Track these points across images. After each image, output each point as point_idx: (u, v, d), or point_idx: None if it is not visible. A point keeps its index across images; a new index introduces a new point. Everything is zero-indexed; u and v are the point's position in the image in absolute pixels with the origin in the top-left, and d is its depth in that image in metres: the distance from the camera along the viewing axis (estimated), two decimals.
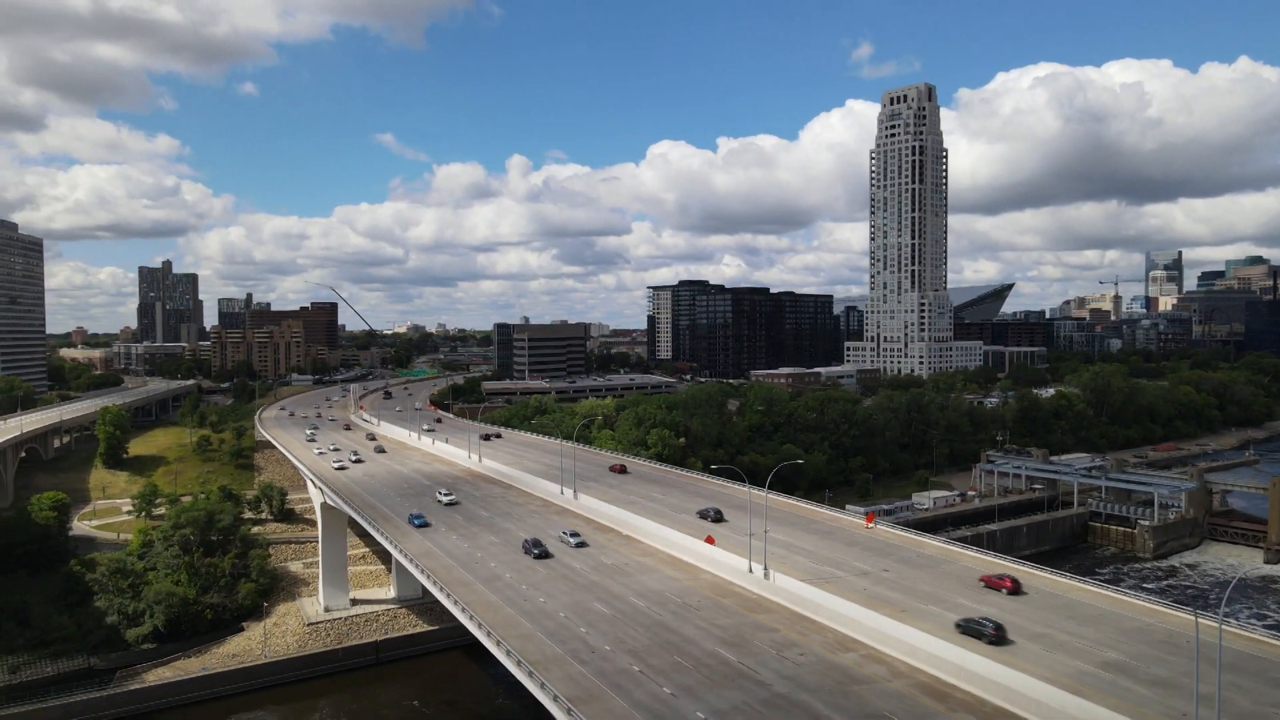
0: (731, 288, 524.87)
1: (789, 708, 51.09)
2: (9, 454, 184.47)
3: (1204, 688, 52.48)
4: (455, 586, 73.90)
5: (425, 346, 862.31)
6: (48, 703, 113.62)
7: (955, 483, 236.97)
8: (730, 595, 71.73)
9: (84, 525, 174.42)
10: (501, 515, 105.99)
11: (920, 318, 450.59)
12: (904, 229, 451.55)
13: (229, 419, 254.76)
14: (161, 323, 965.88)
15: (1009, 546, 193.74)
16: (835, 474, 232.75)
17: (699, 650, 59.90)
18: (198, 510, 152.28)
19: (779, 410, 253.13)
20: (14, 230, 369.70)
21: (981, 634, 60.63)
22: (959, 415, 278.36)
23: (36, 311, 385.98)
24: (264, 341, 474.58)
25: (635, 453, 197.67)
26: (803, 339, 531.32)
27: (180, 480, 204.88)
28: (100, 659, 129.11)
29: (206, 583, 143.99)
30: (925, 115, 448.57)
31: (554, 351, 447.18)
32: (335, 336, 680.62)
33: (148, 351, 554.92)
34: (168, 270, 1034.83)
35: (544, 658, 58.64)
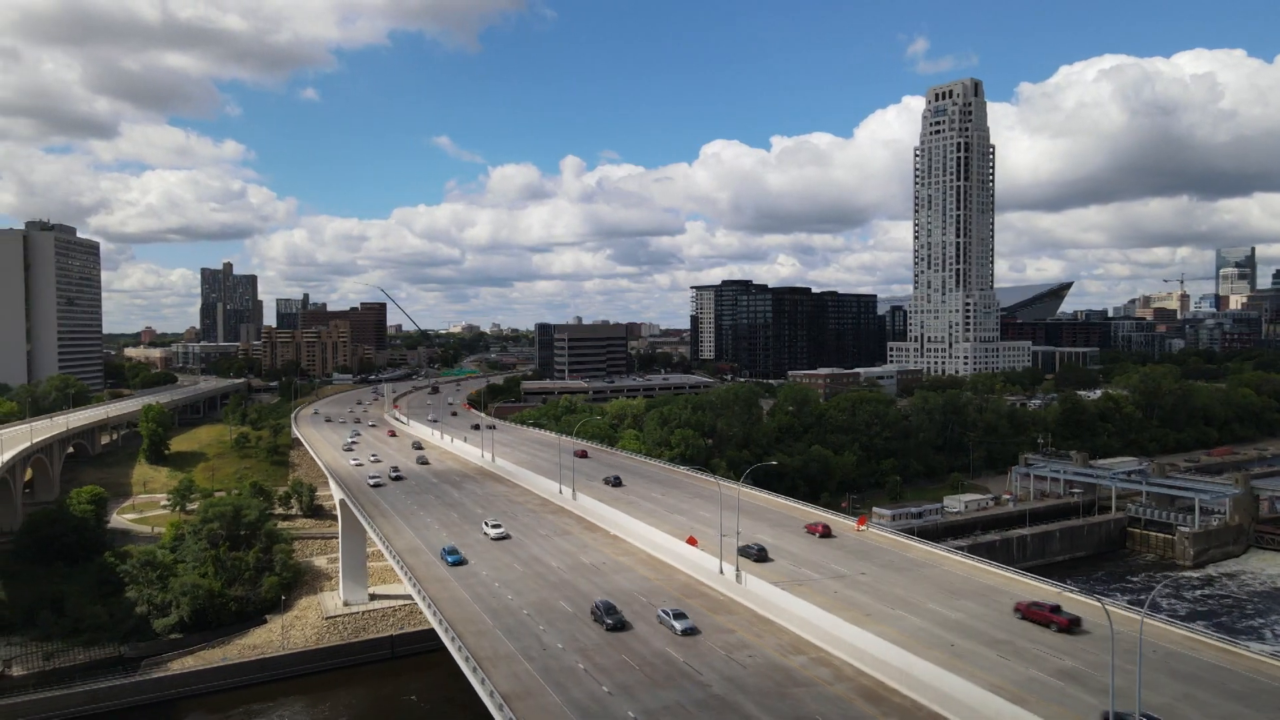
0: (774, 288, 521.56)
1: (720, 709, 51.08)
2: (55, 449, 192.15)
3: (1158, 698, 51.16)
4: (429, 582, 75.31)
5: (476, 346, 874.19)
6: (74, 688, 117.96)
7: (992, 486, 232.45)
8: (698, 596, 71.73)
9: (122, 519, 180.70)
10: (499, 514, 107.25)
11: (965, 317, 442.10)
12: (948, 227, 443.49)
13: (269, 417, 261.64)
14: (222, 323, 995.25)
15: (1040, 552, 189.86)
16: (865, 475, 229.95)
17: (648, 650, 60.14)
18: (225, 505, 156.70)
19: (809, 411, 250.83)
20: (72, 234, 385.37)
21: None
22: (998, 417, 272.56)
23: (93, 312, 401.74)
24: (312, 341, 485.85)
25: (659, 453, 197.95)
26: (845, 339, 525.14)
27: (217, 476, 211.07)
28: (130, 648, 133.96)
29: (232, 576, 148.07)
30: (971, 111, 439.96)
31: (594, 351, 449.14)
32: (384, 336, 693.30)
33: (204, 351, 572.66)
34: (228, 272, 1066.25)
35: (495, 654, 59.49)
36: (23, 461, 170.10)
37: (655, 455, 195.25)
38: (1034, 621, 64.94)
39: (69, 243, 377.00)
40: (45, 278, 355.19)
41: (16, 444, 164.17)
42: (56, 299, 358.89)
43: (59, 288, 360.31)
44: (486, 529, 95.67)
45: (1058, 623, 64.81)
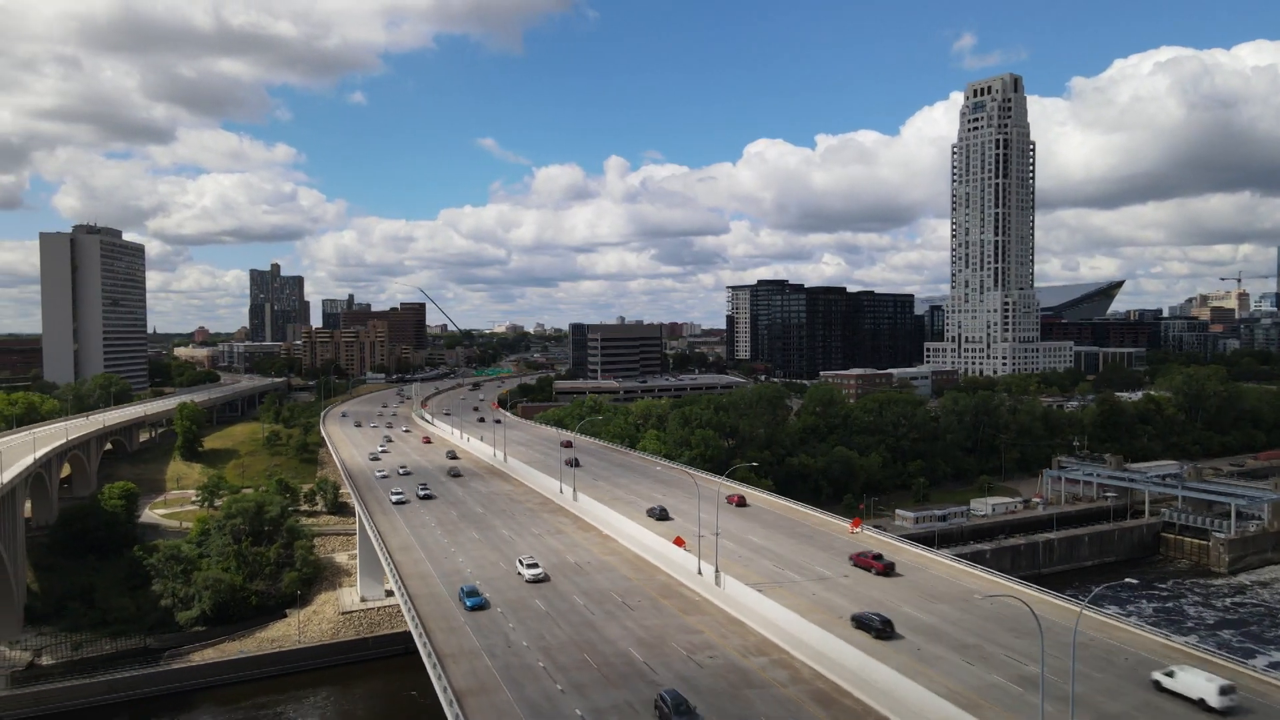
0: (809, 287, 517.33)
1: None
2: (92, 445, 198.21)
3: (1117, 706, 50.08)
4: (413, 579, 76.40)
5: (518, 346, 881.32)
6: (95, 678, 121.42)
7: (1023, 489, 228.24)
8: (674, 597, 71.78)
9: (154, 514, 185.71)
10: (497, 513, 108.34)
11: (1004, 317, 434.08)
12: (987, 225, 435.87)
13: (301, 416, 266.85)
14: (270, 323, 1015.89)
15: (1068, 557, 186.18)
16: (891, 477, 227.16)
17: (611, 650, 60.39)
18: (247, 502, 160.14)
19: (836, 412, 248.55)
20: (117, 237, 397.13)
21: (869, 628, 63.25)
22: (1032, 418, 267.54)
23: (138, 313, 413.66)
24: (350, 341, 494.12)
25: (679, 453, 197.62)
26: (881, 339, 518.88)
27: (248, 473, 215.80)
28: (155, 639, 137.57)
29: (253, 570, 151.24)
30: (1011, 107, 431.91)
31: (627, 351, 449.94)
32: (423, 336, 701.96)
33: (248, 350, 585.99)
34: (276, 273, 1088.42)
35: (459, 650, 60.20)
36: (58, 458, 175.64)
37: (676, 456, 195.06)
38: (861, 568, 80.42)
39: (114, 245, 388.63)
40: (91, 279, 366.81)
41: (51, 441, 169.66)
42: (102, 300, 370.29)
43: (104, 289, 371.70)
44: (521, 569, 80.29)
45: (876, 567, 79.75)
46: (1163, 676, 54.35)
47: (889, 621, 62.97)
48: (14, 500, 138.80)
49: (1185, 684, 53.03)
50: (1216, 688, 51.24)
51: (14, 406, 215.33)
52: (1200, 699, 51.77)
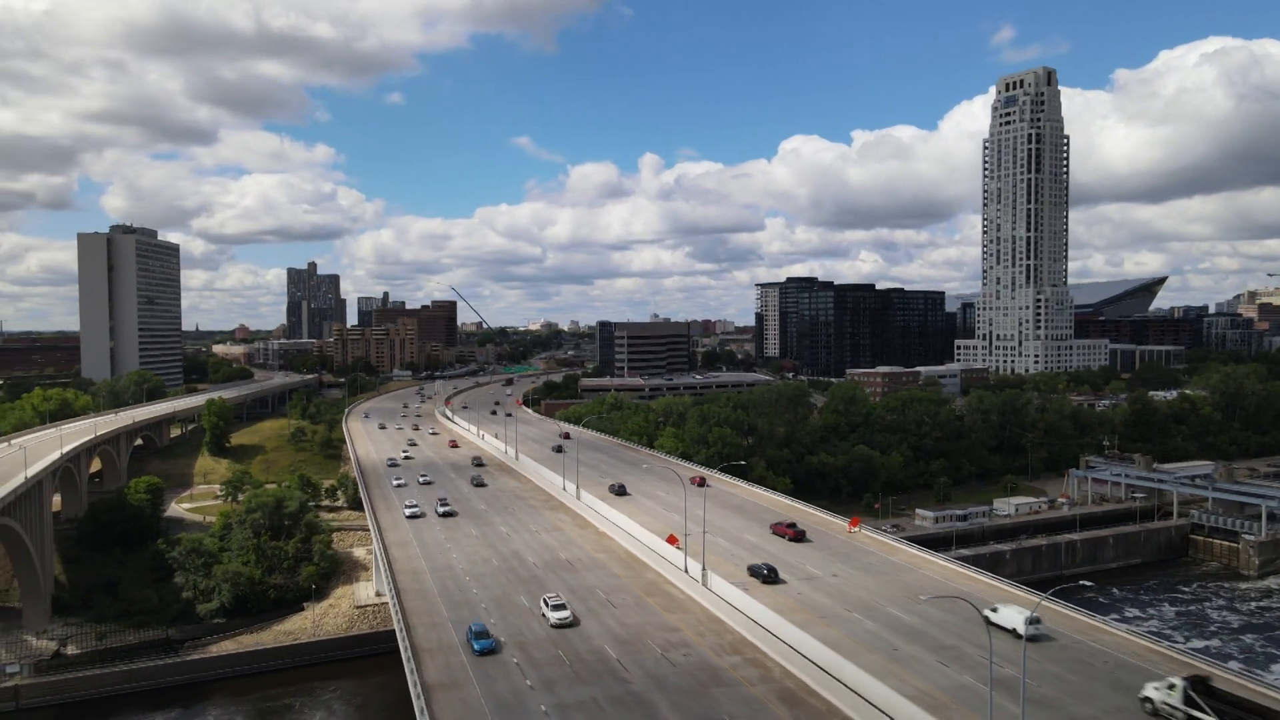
0: (837, 285, 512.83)
1: (632, 706, 51.36)
2: (122, 441, 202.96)
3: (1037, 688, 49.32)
4: (405, 575, 77.38)
5: (551, 344, 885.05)
6: (114, 668, 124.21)
7: (1049, 489, 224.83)
8: (658, 595, 71.91)
9: (179, 508, 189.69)
10: (499, 510, 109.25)
11: (1035, 314, 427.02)
12: (1019, 222, 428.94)
13: (328, 412, 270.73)
14: (307, 320, 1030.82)
15: (1091, 558, 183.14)
16: (913, 477, 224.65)
17: (586, 647, 60.69)
18: (267, 497, 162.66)
19: (857, 410, 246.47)
20: (152, 237, 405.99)
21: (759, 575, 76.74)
22: (1060, 418, 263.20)
23: (172, 310, 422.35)
24: (380, 338, 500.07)
25: (696, 451, 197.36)
26: (911, 337, 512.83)
27: (273, 468, 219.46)
28: (177, 630, 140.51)
29: (272, 564, 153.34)
30: (1044, 101, 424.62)
31: (654, 349, 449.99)
32: (454, 333, 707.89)
33: (282, 347, 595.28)
34: (313, 271, 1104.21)
35: (437, 645, 60.91)
36: (87, 453, 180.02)
37: (693, 454, 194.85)
38: (779, 535, 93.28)
39: (150, 245, 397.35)
40: (127, 278, 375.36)
41: (79, 437, 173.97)
42: (137, 298, 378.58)
43: (140, 288, 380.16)
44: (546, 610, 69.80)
45: (789, 534, 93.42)
46: (990, 613, 64.54)
47: (774, 569, 76.59)
48: (40, 494, 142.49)
49: (1004, 617, 64.58)
50: (1024, 619, 61.09)
51: (48, 403, 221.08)
52: (1013, 629, 62.62)
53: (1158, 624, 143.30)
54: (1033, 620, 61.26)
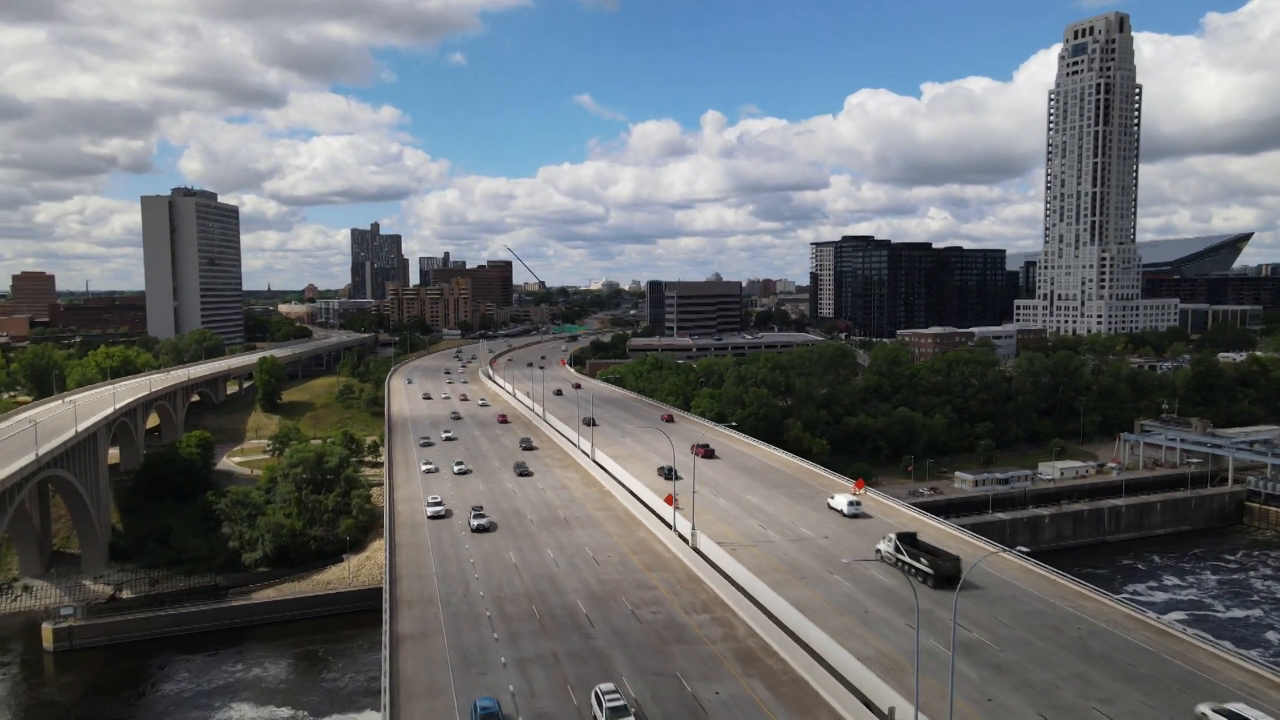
0: (894, 244, 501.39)
1: (589, 660, 52.40)
2: (179, 396, 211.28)
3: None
4: (404, 529, 79.63)
5: (610, 303, 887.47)
6: (162, 611, 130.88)
7: (1101, 454, 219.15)
8: (644, 553, 72.64)
9: (230, 461, 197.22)
10: (513, 467, 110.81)
11: (1100, 273, 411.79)
12: (1084, 176, 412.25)
13: (376, 370, 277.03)
14: (370, 280, 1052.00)
15: (1136, 524, 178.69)
16: (957, 439, 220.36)
17: (560, 603, 61.82)
18: (308, 452, 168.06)
19: (901, 371, 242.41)
20: (212, 199, 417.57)
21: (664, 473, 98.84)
22: (1116, 380, 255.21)
23: (233, 271, 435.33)
24: (435, 298, 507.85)
25: (732, 411, 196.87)
26: (969, 297, 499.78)
27: (321, 425, 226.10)
28: (224, 578, 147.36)
29: (313, 517, 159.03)
30: (1115, 49, 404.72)
31: (704, 309, 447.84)
32: (509, 293, 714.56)
33: (342, 307, 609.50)
34: (375, 232, 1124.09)
35: (419, 597, 62.73)
36: (143, 408, 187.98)
37: (729, 414, 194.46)
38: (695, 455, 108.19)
39: (210, 207, 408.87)
40: (189, 240, 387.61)
41: (134, 394, 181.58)
42: (199, 259, 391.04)
43: (201, 249, 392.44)
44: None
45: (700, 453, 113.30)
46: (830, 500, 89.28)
47: (673, 469, 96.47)
48: (95, 447, 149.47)
49: (835, 503, 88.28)
50: (846, 501, 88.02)
51: (110, 360, 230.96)
52: (839, 509, 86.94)
53: (1196, 593, 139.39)
54: (853, 503, 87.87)
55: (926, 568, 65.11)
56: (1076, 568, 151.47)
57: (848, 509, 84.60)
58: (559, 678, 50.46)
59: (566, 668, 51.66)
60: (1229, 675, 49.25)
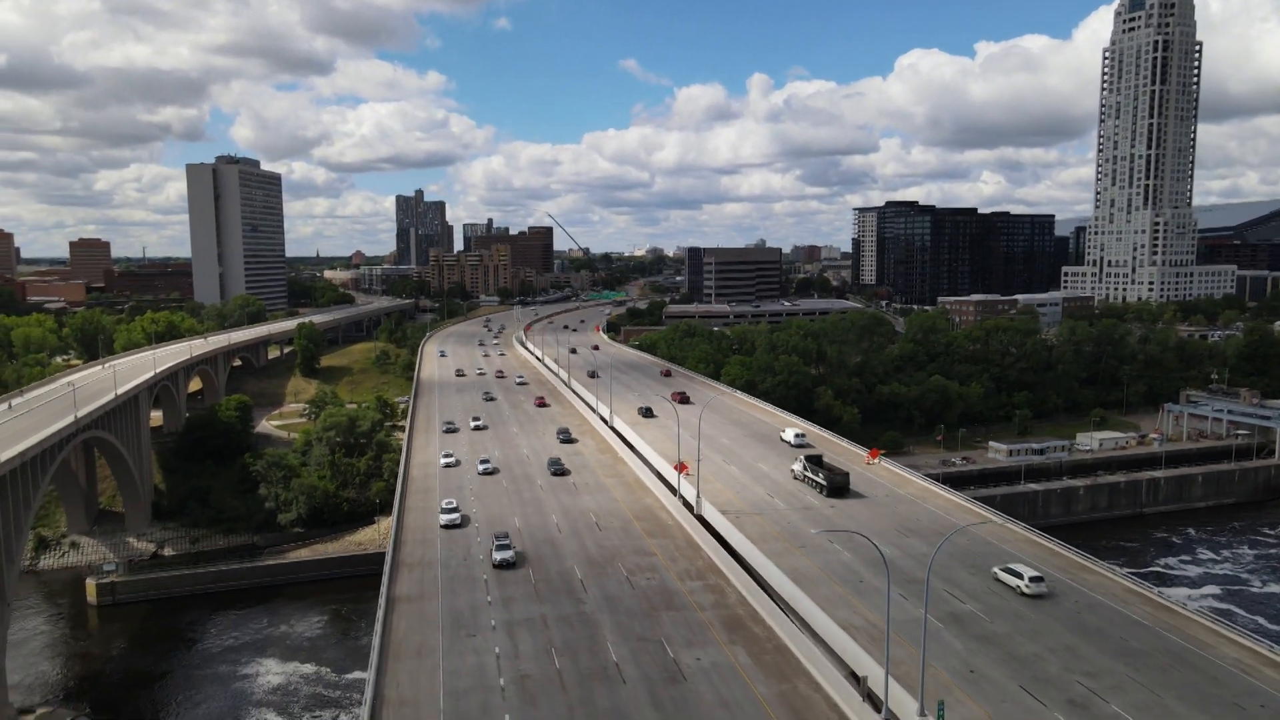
0: (938, 209, 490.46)
1: (576, 625, 53.02)
2: (220, 361, 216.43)
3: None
4: (415, 494, 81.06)
5: (653, 269, 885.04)
6: (199, 568, 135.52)
7: (1144, 425, 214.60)
8: (647, 519, 72.95)
9: (268, 425, 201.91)
10: (530, 433, 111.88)
11: (1152, 239, 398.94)
12: (1139, 138, 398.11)
13: (412, 336, 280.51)
14: (415, 247, 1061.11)
15: (1176, 496, 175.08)
16: (993, 409, 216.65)
17: (557, 567, 62.54)
18: (341, 416, 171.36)
19: (937, 340, 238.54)
20: (255, 167, 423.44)
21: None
22: (1163, 349, 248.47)
23: (276, 237, 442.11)
24: (475, 264, 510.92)
25: (762, 379, 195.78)
26: (1016, 264, 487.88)
27: (358, 389, 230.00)
28: (261, 538, 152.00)
29: (345, 479, 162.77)
30: (1174, 4, 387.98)
31: (743, 275, 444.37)
32: (550, 259, 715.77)
33: (384, 273, 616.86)
34: (420, 199, 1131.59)
35: (420, 560, 63.96)
36: (185, 371, 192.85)
37: (759, 382, 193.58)
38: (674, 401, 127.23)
39: (252, 174, 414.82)
40: (232, 207, 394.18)
41: (175, 358, 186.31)
42: (242, 226, 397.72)
43: (244, 216, 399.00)
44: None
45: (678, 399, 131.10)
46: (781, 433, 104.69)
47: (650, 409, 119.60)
48: (136, 408, 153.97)
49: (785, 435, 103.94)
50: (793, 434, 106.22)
51: (156, 325, 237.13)
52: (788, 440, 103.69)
53: (1232, 567, 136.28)
54: (799, 435, 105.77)
55: (822, 480, 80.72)
56: (1108, 540, 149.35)
57: (794, 439, 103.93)
58: (544, 641, 51.22)
59: (554, 632, 52.39)
60: (1224, 651, 48.19)
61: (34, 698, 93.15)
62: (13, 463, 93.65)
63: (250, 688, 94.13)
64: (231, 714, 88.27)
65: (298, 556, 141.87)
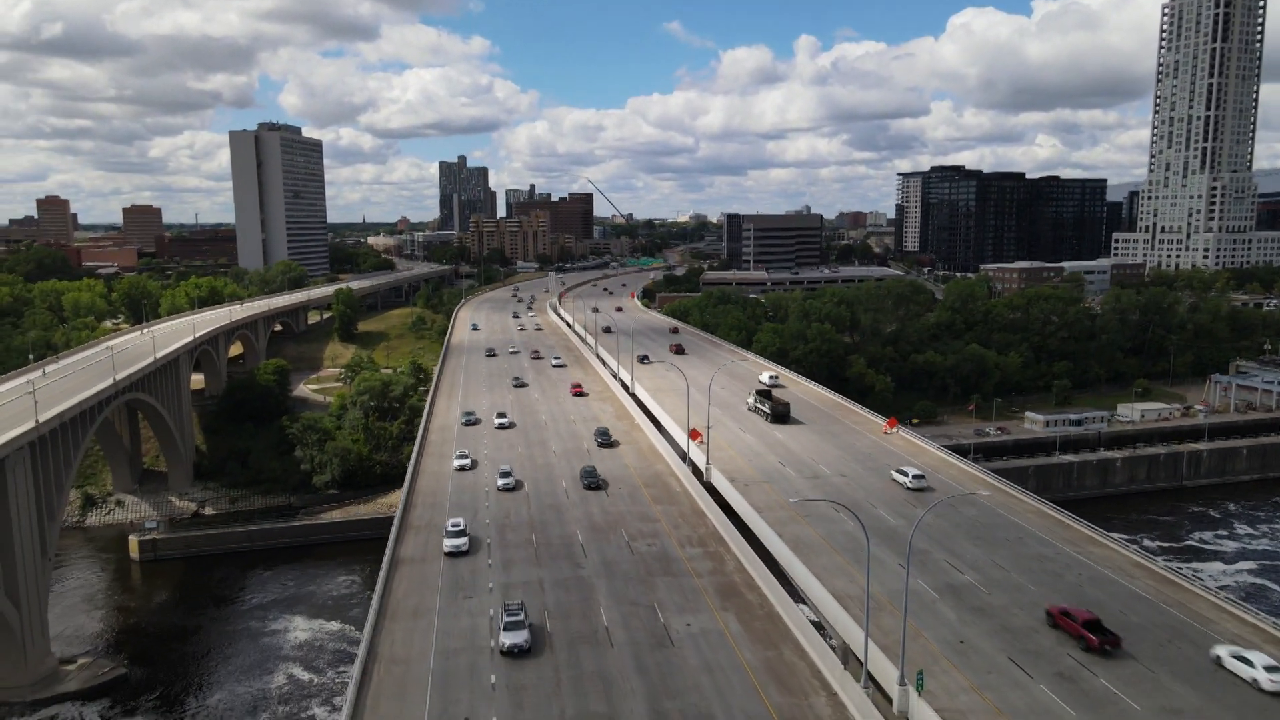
0: (985, 173, 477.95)
1: (572, 588, 53.69)
2: (259, 326, 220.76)
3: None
4: (430, 458, 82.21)
5: (693, 236, 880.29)
6: (236, 527, 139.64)
7: (1191, 396, 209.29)
8: (656, 486, 73.23)
9: (306, 389, 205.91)
10: (551, 399, 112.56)
11: (1209, 204, 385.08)
12: (1198, 98, 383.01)
13: (449, 301, 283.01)
14: (458, 213, 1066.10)
15: (1219, 469, 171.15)
16: (1032, 379, 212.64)
17: (561, 532, 63.14)
18: (374, 380, 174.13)
19: (976, 308, 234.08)
20: (296, 133, 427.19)
21: None
22: (1213, 319, 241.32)
23: (318, 204, 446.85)
24: (514, 230, 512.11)
25: (794, 346, 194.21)
26: (1065, 230, 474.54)
27: (393, 354, 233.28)
28: (297, 499, 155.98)
29: (378, 442, 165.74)
30: None
31: (782, 242, 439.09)
32: (589, 225, 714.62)
33: (425, 239, 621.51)
34: (462, 165, 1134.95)
35: (428, 524, 65.06)
36: (225, 336, 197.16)
37: (791, 349, 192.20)
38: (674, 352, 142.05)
39: (294, 141, 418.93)
40: (274, 174, 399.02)
41: (214, 324, 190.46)
42: (284, 192, 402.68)
43: (286, 182, 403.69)
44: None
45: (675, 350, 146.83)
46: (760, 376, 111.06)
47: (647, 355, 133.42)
48: (176, 372, 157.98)
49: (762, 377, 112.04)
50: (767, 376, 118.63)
51: (199, 290, 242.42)
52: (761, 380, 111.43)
53: (1270, 543, 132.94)
54: (773, 377, 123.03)
55: (767, 409, 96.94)
56: (1143, 514, 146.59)
57: (768, 380, 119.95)
58: (539, 604, 51.93)
59: (548, 595, 53.11)
60: (1225, 627, 47.14)
61: (75, 648, 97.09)
62: (51, 423, 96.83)
63: (278, 643, 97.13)
64: (260, 668, 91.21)
65: (330, 517, 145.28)
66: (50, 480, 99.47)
